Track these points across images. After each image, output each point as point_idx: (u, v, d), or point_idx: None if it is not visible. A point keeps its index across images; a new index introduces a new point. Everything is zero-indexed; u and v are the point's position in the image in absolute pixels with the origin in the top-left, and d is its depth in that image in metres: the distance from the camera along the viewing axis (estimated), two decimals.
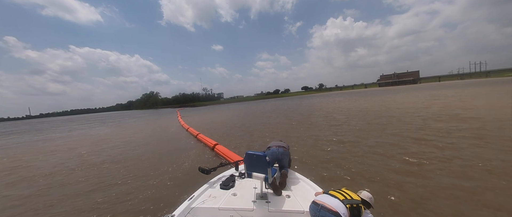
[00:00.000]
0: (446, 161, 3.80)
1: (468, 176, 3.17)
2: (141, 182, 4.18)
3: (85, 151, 7.93)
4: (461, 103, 11.27)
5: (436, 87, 34.27)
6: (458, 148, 4.42)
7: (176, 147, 7.41)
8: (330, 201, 1.43)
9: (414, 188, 2.95)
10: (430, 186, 2.98)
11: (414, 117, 8.52)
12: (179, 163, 5.20)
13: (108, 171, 5.16)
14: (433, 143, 4.90)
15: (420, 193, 2.82)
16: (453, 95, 16.62)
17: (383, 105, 14.16)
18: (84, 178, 4.76)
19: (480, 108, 9.22)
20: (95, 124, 25.39)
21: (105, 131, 15.93)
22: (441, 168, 3.53)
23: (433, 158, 3.97)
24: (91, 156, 7.09)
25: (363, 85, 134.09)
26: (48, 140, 13.19)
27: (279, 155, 2.46)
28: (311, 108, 18.39)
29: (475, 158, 3.81)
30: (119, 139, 10.76)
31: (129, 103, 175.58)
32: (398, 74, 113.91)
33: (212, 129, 11.09)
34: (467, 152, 4.14)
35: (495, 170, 3.26)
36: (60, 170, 5.65)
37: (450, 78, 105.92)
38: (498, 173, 3.18)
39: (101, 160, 6.31)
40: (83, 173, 5.12)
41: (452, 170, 3.41)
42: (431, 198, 2.69)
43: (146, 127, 16.23)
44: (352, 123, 8.58)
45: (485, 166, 3.45)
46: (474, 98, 13.10)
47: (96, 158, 6.67)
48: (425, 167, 3.61)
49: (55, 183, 4.62)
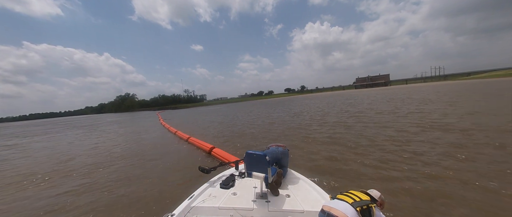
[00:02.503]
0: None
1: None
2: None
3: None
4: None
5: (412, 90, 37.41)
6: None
7: (166, 151, 7.05)
8: (338, 206, 1.37)
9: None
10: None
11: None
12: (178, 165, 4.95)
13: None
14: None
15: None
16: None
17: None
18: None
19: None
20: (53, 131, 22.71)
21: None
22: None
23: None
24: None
25: (341, 87, 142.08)
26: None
27: (279, 154, 2.47)
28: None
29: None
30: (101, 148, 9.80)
31: (101, 106, 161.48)
32: (371, 77, 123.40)
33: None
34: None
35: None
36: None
37: (415, 81, 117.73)
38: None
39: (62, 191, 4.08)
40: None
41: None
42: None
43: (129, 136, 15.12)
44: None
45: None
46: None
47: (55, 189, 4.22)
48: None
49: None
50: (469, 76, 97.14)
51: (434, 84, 56.15)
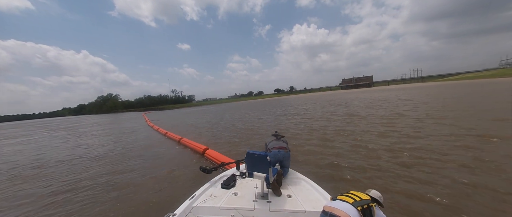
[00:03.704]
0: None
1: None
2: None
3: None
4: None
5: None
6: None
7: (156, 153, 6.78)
8: (340, 206, 1.38)
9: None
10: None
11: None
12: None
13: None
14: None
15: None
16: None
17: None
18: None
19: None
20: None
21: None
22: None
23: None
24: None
25: (328, 88, 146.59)
26: None
27: (281, 156, 2.44)
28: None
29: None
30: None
31: (80, 107, 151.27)
32: (356, 78, 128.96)
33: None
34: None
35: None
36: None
37: (396, 82, 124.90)
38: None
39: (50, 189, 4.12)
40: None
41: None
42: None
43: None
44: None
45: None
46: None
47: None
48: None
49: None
50: (444, 78, 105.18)
51: (413, 86, 59.83)
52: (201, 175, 3.41)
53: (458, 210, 2.39)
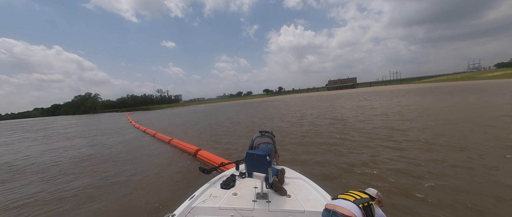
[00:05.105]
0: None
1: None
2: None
3: None
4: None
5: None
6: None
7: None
8: (342, 204, 1.39)
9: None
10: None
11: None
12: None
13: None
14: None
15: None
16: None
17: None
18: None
19: None
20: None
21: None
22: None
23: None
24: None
25: (315, 89, 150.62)
26: None
27: (268, 151, 2.52)
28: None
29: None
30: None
31: (54, 108, 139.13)
32: (341, 80, 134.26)
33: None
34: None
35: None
36: None
37: (377, 84, 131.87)
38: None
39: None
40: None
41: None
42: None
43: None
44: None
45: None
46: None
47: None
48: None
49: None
50: (420, 80, 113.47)
51: (395, 88, 62.53)
52: (200, 176, 3.36)
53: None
